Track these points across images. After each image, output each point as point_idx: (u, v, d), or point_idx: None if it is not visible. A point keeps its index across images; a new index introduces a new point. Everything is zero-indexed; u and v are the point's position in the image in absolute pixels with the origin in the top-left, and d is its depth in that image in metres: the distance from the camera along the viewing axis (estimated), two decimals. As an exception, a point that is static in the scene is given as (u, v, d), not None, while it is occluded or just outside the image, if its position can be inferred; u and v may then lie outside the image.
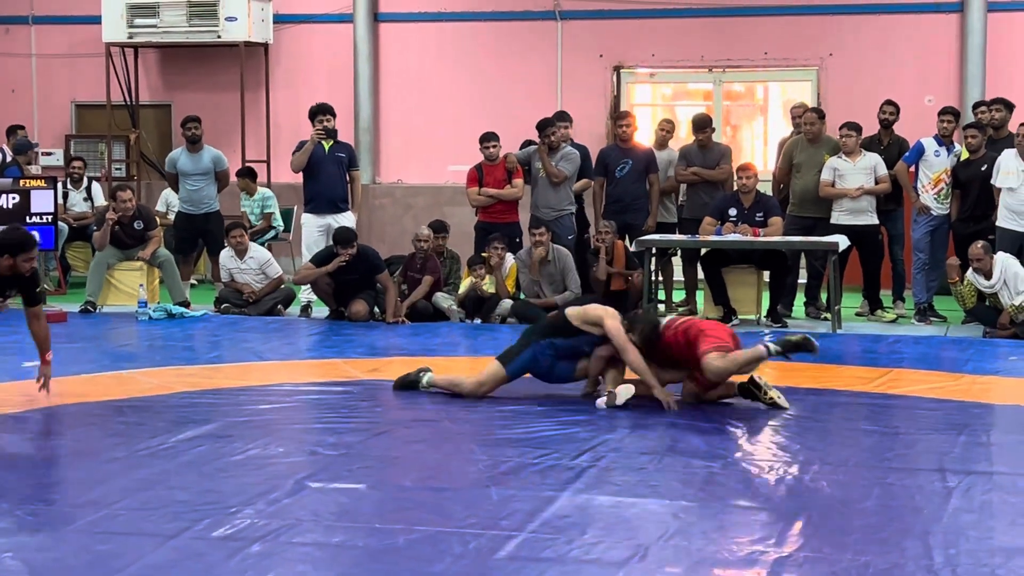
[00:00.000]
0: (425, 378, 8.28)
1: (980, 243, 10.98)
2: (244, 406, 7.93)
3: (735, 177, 11.96)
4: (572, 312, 8.11)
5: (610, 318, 7.95)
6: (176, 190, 13.18)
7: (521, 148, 12.77)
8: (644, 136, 13.25)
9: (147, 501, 5.73)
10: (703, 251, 11.93)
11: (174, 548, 5.07)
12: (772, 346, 7.60)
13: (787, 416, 7.63)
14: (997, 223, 11.45)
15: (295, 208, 14.40)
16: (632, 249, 11.84)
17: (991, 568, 4.88)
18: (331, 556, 5.07)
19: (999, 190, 11.45)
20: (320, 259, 11.77)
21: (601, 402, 7.82)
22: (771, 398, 7.79)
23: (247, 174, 14.48)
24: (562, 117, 12.63)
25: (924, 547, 5.13)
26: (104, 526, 5.36)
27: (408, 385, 8.33)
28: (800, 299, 12.40)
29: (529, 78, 15.55)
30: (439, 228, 12.32)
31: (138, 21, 15.60)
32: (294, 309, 12.38)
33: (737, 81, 15.72)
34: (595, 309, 8.09)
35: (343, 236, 11.65)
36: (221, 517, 5.44)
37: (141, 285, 12.28)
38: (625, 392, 7.80)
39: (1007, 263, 10.90)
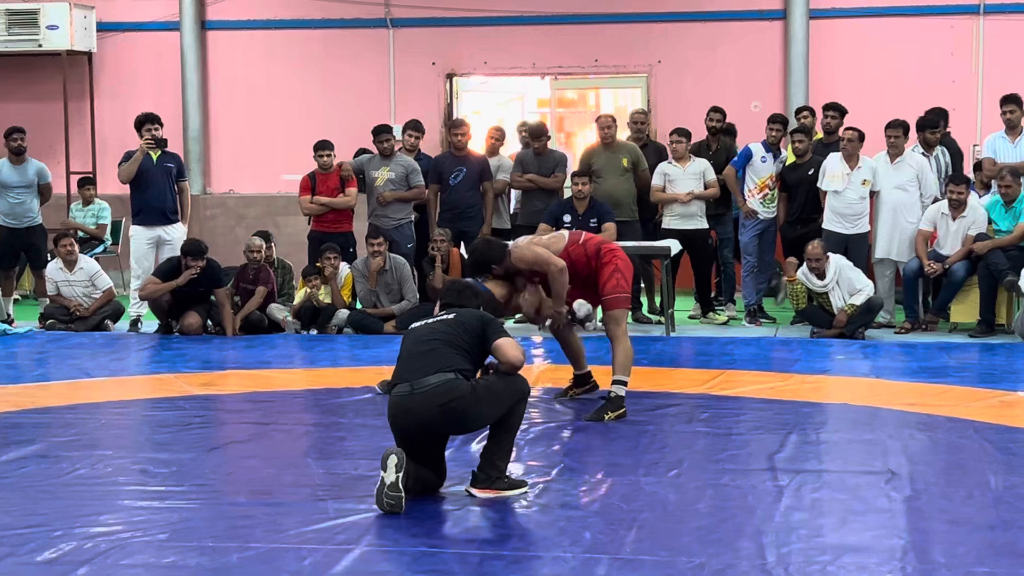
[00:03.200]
0: None
1: (819, 242, 11.17)
2: (72, 425, 7.70)
3: (570, 183, 12.03)
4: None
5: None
6: (-5, 203, 12.71)
7: (355, 156, 12.68)
8: (478, 144, 13.25)
9: (-33, 527, 5.53)
10: (538, 257, 11.95)
11: (-5, 575, 4.90)
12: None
13: (622, 420, 7.69)
14: (823, 225, 11.71)
15: (123, 220, 14.06)
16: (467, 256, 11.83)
17: (822, 565, 4.98)
18: (162, 577, 4.95)
19: (825, 193, 11.73)
20: (164, 272, 11.49)
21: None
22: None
23: (87, 183, 14.14)
24: (415, 127, 12.65)
25: (757, 546, 5.21)
26: (-80, 555, 5.15)
27: None
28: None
29: (362, 86, 15.46)
30: (265, 237, 12.15)
31: (-46, 30, 15.10)
32: (123, 324, 12.07)
33: (569, 88, 15.85)
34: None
35: (194, 248, 11.41)
36: (46, 541, 5.28)
37: (-39, 303, 11.89)
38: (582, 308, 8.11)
39: (841, 264, 11.14)
